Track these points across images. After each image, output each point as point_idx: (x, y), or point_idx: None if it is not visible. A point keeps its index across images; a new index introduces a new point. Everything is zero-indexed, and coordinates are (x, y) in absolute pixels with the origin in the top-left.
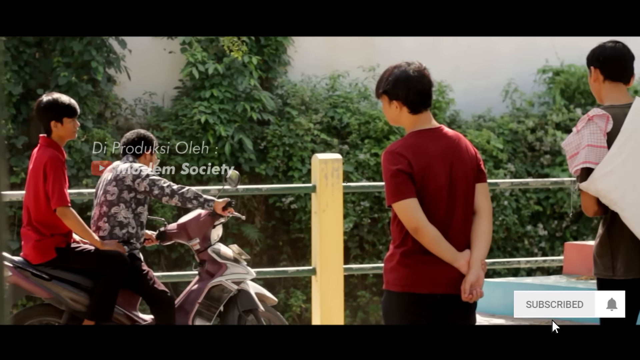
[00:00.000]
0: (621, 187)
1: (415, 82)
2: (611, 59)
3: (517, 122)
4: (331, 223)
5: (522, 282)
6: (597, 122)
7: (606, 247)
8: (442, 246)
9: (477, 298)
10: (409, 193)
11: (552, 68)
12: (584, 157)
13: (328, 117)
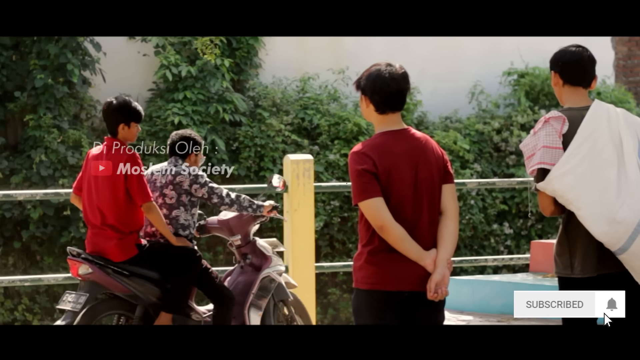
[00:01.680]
0: (577, 187)
1: (381, 83)
2: (570, 64)
3: (483, 123)
4: (303, 222)
5: (490, 279)
6: (553, 124)
7: (564, 246)
8: (408, 245)
9: (442, 297)
10: (374, 192)
11: (517, 70)
12: (539, 158)
13: (298, 119)
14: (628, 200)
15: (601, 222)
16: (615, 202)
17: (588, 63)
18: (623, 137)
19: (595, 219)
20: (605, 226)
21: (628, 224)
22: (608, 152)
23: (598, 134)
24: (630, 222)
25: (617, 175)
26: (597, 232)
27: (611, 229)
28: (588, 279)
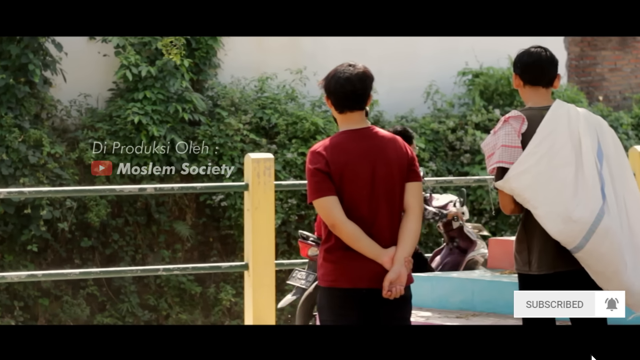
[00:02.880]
0: (534, 185)
1: (335, 83)
2: (528, 65)
3: (438, 122)
4: (263, 220)
5: (449, 276)
6: (512, 123)
7: (523, 244)
8: (363, 243)
9: (397, 295)
10: (326, 191)
11: (472, 70)
12: (498, 157)
13: (257, 118)
14: (584, 199)
15: (557, 220)
16: (572, 202)
17: (546, 63)
18: (582, 137)
19: (551, 217)
20: (561, 225)
21: (583, 223)
22: (566, 152)
23: (557, 133)
24: (586, 221)
25: (574, 174)
26: (553, 231)
27: (567, 227)
28: (545, 276)
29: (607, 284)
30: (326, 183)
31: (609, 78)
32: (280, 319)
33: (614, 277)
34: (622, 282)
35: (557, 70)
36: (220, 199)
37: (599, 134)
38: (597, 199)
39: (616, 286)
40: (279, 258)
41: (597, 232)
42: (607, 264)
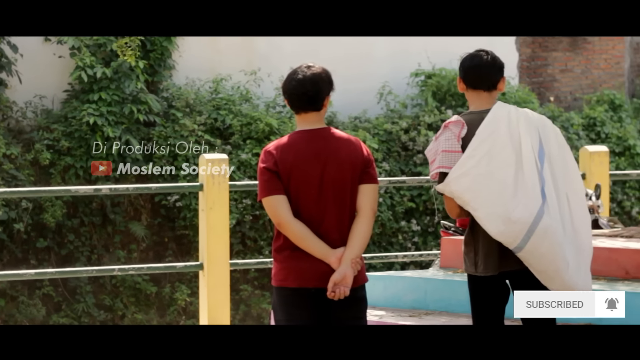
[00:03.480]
0: (473, 188)
1: (289, 84)
2: (470, 69)
3: (392, 123)
4: (218, 220)
5: (402, 275)
6: (452, 128)
7: (470, 245)
8: (310, 242)
9: (341, 296)
10: (274, 190)
11: (425, 72)
12: (439, 162)
13: (211, 119)
14: (524, 200)
15: (497, 222)
16: (511, 203)
17: (487, 67)
18: (522, 137)
19: (491, 219)
20: (501, 226)
21: (523, 223)
22: (506, 153)
23: (497, 135)
24: (525, 221)
25: (514, 176)
26: (494, 232)
27: (507, 228)
28: (491, 277)
29: (551, 283)
30: (274, 182)
31: (559, 79)
32: (235, 318)
33: (556, 276)
34: (564, 282)
35: (501, 73)
36: (175, 200)
37: (542, 133)
38: (537, 199)
39: (559, 285)
40: (233, 258)
41: (537, 232)
42: (548, 263)
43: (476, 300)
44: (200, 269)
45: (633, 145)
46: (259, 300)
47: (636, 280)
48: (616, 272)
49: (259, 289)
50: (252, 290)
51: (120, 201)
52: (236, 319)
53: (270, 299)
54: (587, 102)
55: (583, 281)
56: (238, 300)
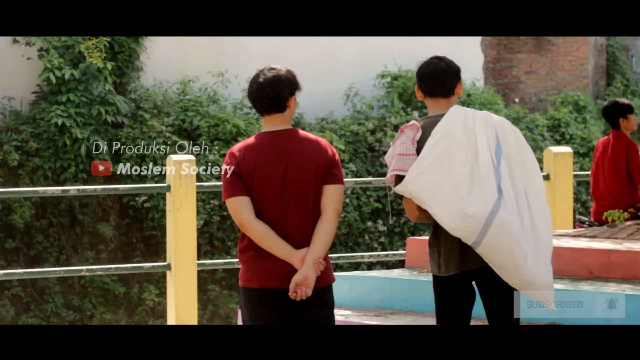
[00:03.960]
0: (429, 186)
1: (250, 87)
2: (425, 77)
3: (358, 124)
4: (185, 221)
5: (367, 275)
6: (407, 132)
7: (433, 247)
8: (272, 243)
9: (302, 297)
10: (237, 191)
11: (391, 73)
12: (394, 166)
13: (179, 120)
14: (480, 195)
15: (454, 217)
16: (467, 199)
17: (442, 74)
18: (478, 135)
19: (448, 215)
20: (458, 221)
21: (479, 218)
22: (462, 152)
23: (453, 134)
24: (481, 216)
25: (470, 173)
26: (451, 227)
27: (464, 223)
28: (453, 276)
29: (509, 277)
30: (236, 183)
31: (524, 80)
32: (203, 318)
33: (514, 271)
34: (522, 276)
35: (457, 78)
36: (144, 200)
37: (499, 133)
38: (493, 194)
39: (517, 279)
40: (201, 258)
41: (493, 226)
42: (505, 256)
43: (441, 301)
44: (167, 270)
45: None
46: (227, 300)
47: (600, 280)
48: (580, 271)
49: (227, 289)
50: (220, 290)
51: (89, 202)
52: (204, 318)
53: (237, 298)
54: (551, 103)
55: (543, 275)
56: (206, 300)
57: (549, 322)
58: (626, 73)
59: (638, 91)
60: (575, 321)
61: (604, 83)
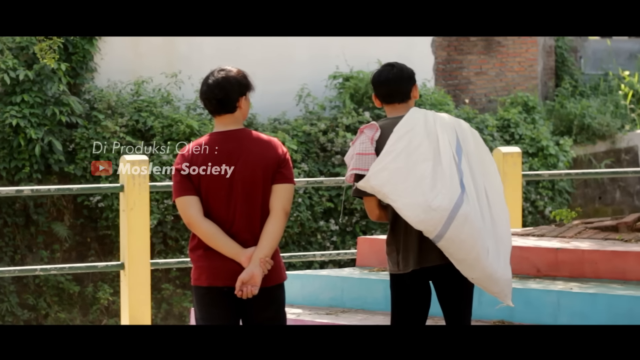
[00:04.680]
0: (392, 180)
1: (201, 88)
2: (379, 86)
3: (310, 124)
4: (138, 220)
5: (318, 274)
6: (366, 132)
7: (392, 245)
8: (220, 242)
9: (249, 295)
10: (185, 191)
11: (342, 74)
12: (353, 165)
13: (133, 121)
14: (443, 190)
15: (417, 210)
16: (431, 193)
17: (397, 81)
18: (439, 134)
19: (411, 208)
20: (421, 214)
21: (443, 210)
22: (424, 148)
23: (414, 132)
24: (445, 209)
25: (432, 169)
26: (414, 220)
27: (427, 216)
28: (412, 273)
29: (471, 271)
30: (185, 183)
31: (474, 81)
32: (157, 317)
33: (476, 264)
34: (484, 269)
35: (412, 82)
36: (98, 200)
37: (458, 132)
38: (456, 188)
39: (479, 273)
40: (155, 258)
41: (457, 219)
42: (468, 250)
43: (398, 299)
44: (121, 269)
45: (546, 146)
46: (181, 299)
47: (548, 278)
48: (528, 270)
49: (181, 287)
50: (174, 289)
51: (43, 202)
52: (158, 317)
53: (191, 297)
54: (501, 104)
55: (503, 269)
56: (160, 299)
57: (497, 320)
58: (574, 74)
59: (586, 92)
60: (523, 319)
61: (553, 84)
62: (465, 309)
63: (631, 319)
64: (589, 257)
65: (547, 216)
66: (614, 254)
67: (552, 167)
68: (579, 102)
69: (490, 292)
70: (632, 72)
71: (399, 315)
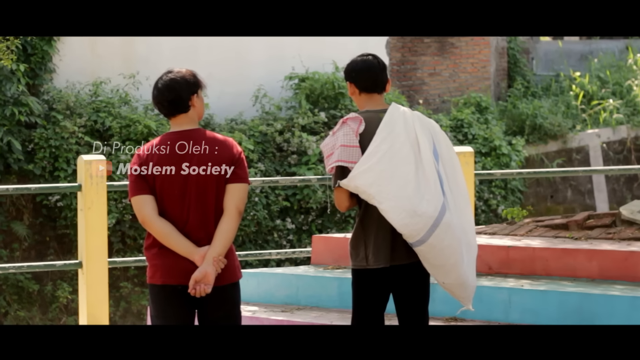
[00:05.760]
0: (378, 182)
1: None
2: (362, 73)
3: (267, 124)
4: (96, 220)
5: (274, 272)
6: (350, 124)
7: (360, 240)
8: (174, 240)
9: (202, 294)
10: (139, 190)
11: (298, 75)
12: (337, 156)
13: (91, 121)
14: (427, 195)
15: (402, 214)
16: (415, 197)
17: (379, 70)
18: (419, 137)
19: (396, 211)
20: (406, 218)
21: (428, 217)
22: (405, 151)
23: (395, 134)
24: (430, 216)
25: (414, 172)
26: (399, 224)
27: (412, 221)
28: (382, 269)
29: (446, 277)
30: (139, 182)
31: (428, 82)
32: (116, 314)
33: (453, 270)
34: (459, 275)
35: (387, 75)
36: (57, 200)
37: (433, 135)
38: (439, 195)
39: (454, 279)
40: (114, 256)
41: (440, 227)
42: (448, 257)
43: (361, 295)
44: (79, 267)
45: (498, 145)
46: (139, 297)
47: (499, 275)
48: (480, 267)
49: (139, 286)
50: (132, 288)
51: (2, 201)
52: (117, 315)
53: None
54: (454, 104)
55: (472, 276)
56: (119, 297)
57: (449, 317)
58: (527, 75)
59: (538, 93)
60: (475, 316)
61: (505, 85)
62: (423, 309)
63: (581, 315)
64: (540, 254)
65: (500, 215)
66: (564, 252)
67: (505, 166)
68: (531, 102)
69: (456, 296)
70: (583, 73)
71: (360, 311)
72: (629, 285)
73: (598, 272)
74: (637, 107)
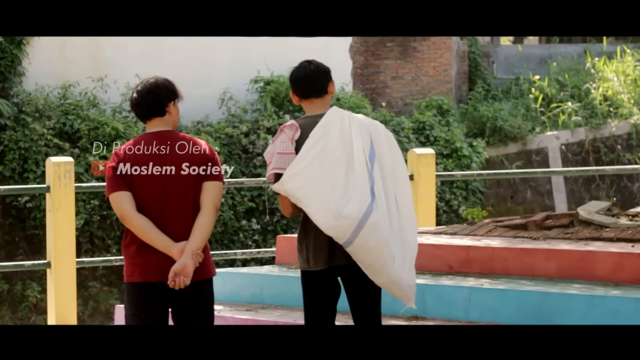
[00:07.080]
0: (305, 186)
1: (132, 96)
2: (297, 81)
3: (233, 127)
4: (64, 220)
5: (239, 271)
6: (286, 132)
7: (303, 243)
8: (152, 235)
9: (181, 286)
10: (117, 187)
11: (264, 78)
12: (274, 164)
13: (60, 124)
14: (354, 197)
15: (328, 217)
16: (342, 200)
17: (313, 75)
18: (354, 139)
19: (322, 214)
20: (331, 221)
21: (353, 219)
22: (338, 154)
23: (329, 137)
24: (355, 217)
25: (344, 175)
26: (325, 227)
27: (337, 223)
28: (321, 271)
29: (377, 276)
30: (117, 180)
31: (391, 85)
32: (85, 314)
33: (382, 270)
34: (389, 275)
35: (328, 78)
36: (26, 200)
37: (373, 136)
38: (366, 197)
39: (384, 279)
40: (82, 256)
41: (366, 227)
42: (375, 257)
43: (308, 295)
44: (48, 267)
45: (460, 147)
46: (107, 296)
47: (459, 275)
48: (440, 267)
49: (107, 285)
50: (100, 287)
51: None
52: (85, 314)
53: (117, 294)
54: (416, 107)
55: (407, 275)
56: (87, 297)
57: (410, 315)
58: (487, 78)
59: (498, 96)
60: (435, 314)
61: (467, 88)
62: (373, 308)
63: (539, 313)
64: (499, 254)
65: (461, 215)
66: (523, 252)
67: (466, 167)
68: (491, 105)
69: (394, 295)
70: (542, 77)
71: (310, 309)
72: (586, 284)
73: (556, 272)
74: (595, 109)
